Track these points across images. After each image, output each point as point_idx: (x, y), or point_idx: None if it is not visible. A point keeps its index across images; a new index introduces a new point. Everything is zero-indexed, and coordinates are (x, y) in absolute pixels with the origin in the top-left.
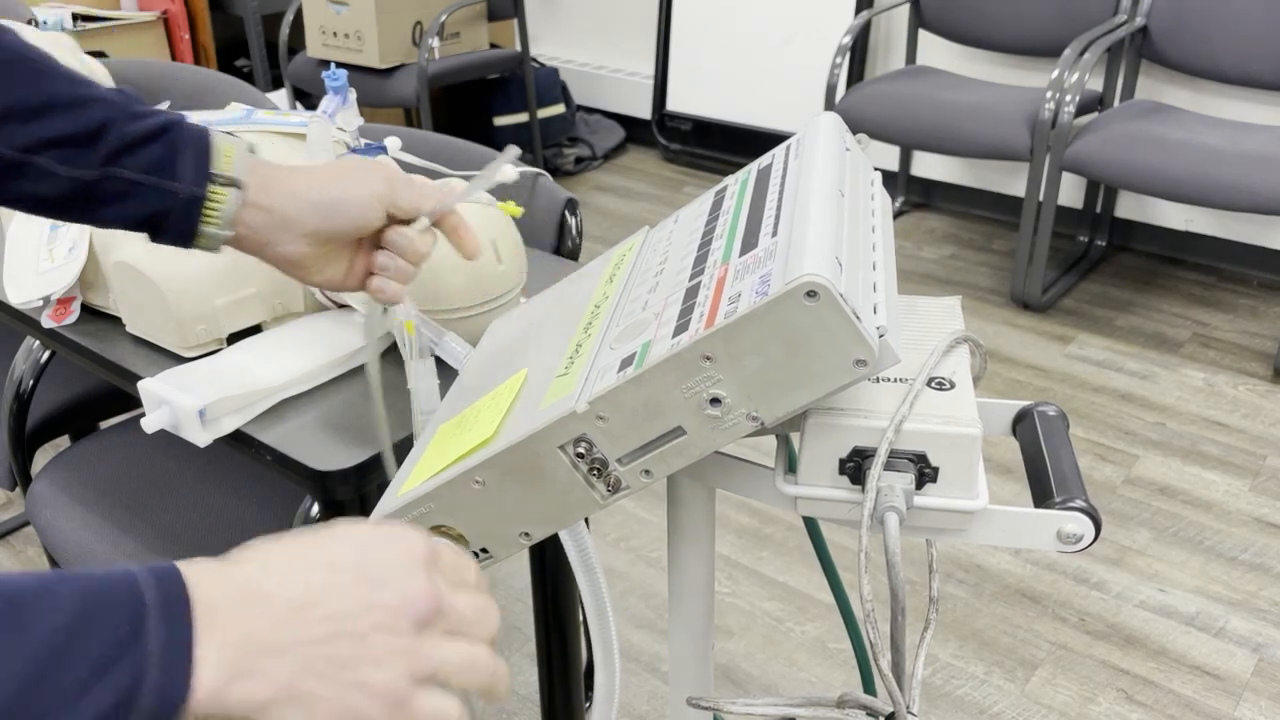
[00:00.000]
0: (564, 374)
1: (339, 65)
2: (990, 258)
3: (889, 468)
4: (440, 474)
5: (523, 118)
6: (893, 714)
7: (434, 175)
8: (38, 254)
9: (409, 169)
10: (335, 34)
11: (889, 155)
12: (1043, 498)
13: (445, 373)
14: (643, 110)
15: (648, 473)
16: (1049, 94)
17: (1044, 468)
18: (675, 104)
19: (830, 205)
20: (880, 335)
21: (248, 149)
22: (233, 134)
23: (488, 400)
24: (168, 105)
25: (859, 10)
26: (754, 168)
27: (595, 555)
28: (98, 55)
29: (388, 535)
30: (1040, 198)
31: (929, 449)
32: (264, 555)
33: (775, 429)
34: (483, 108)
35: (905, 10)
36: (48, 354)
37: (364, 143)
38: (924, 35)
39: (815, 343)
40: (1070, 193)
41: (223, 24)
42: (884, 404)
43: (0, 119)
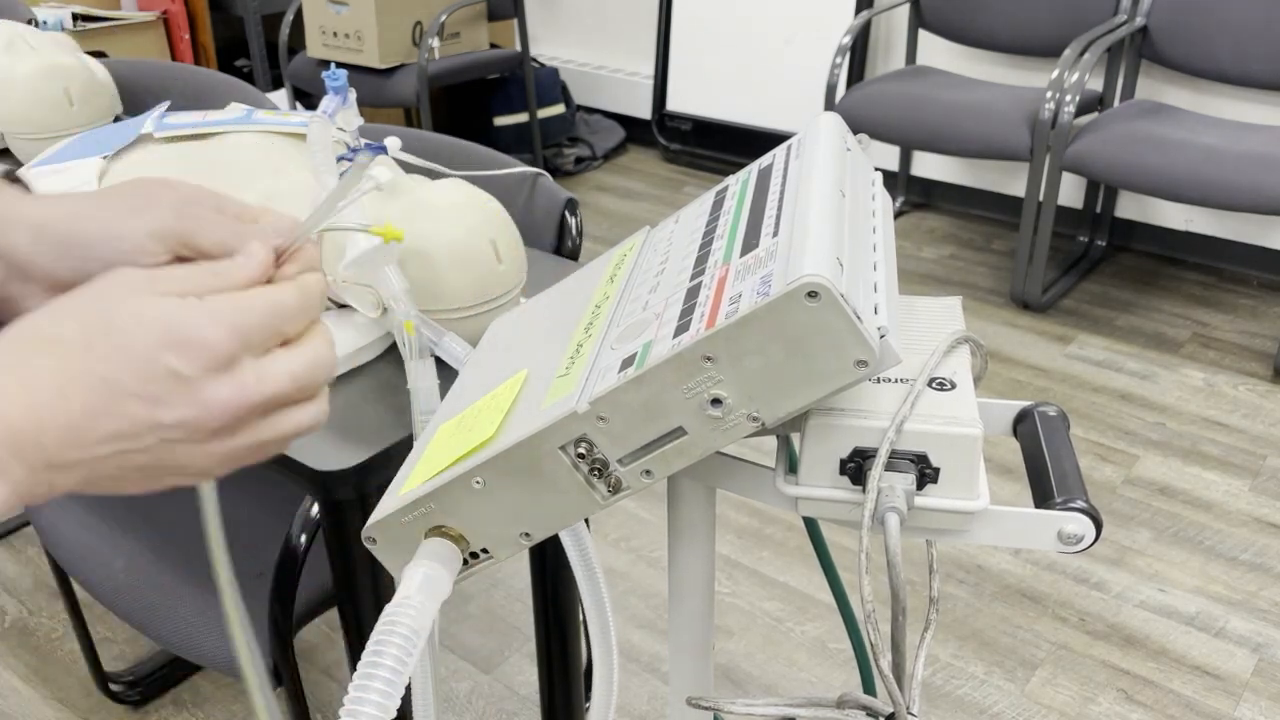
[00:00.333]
0: (564, 374)
1: (339, 65)
2: (990, 258)
3: (890, 468)
4: (440, 474)
5: (523, 118)
6: (893, 714)
7: (434, 175)
8: None
9: (409, 169)
10: (335, 34)
11: (889, 155)
12: (1043, 498)
13: (445, 373)
14: (643, 110)
15: (648, 473)
16: (1049, 94)
17: (1044, 468)
18: (675, 104)
19: (831, 205)
20: (881, 336)
21: None
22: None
23: (488, 400)
24: (168, 105)
25: (859, 10)
26: (754, 168)
27: (595, 556)
28: (98, 55)
29: (169, 335)
30: (1040, 198)
31: (930, 449)
32: (28, 369)
33: (776, 429)
34: (483, 108)
35: (905, 10)
36: None
37: (364, 143)
38: (924, 35)
39: (816, 343)
40: (1070, 193)
41: (223, 24)
42: (885, 404)
43: None
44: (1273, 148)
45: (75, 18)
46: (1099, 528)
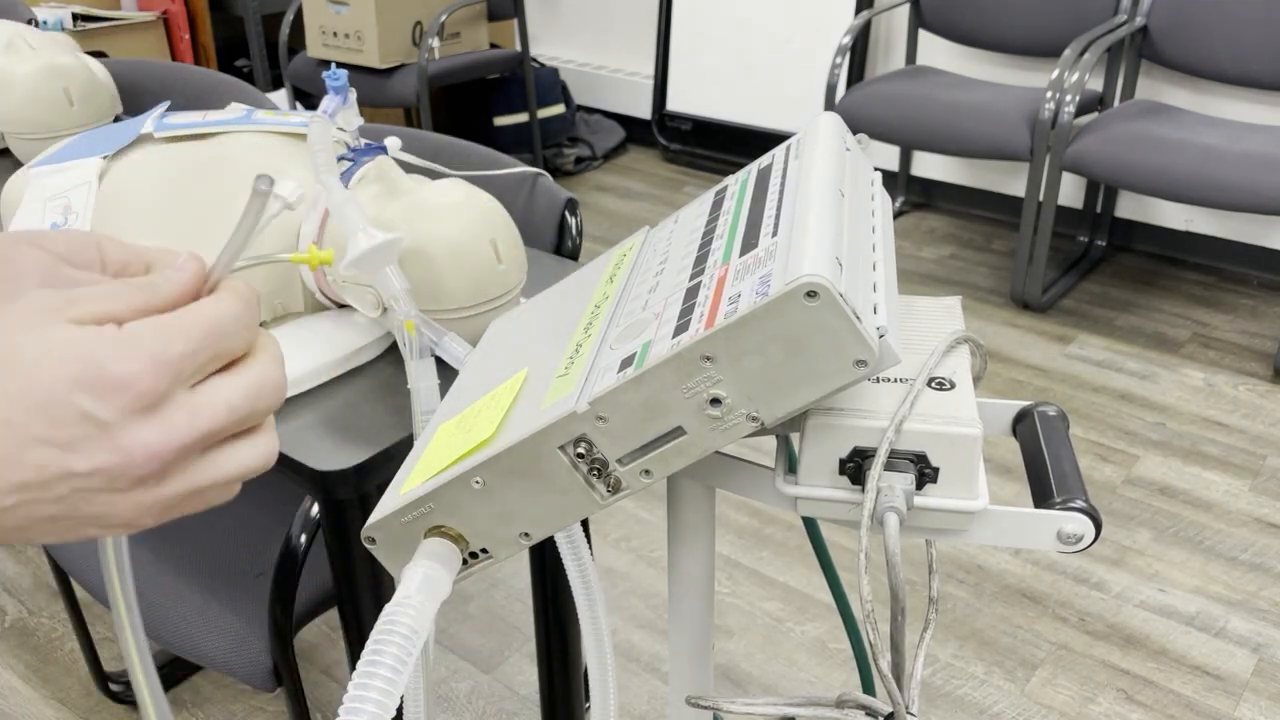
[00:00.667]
0: (564, 374)
1: (339, 65)
2: (990, 258)
3: (889, 468)
4: (440, 474)
5: (523, 118)
6: (892, 714)
7: (434, 175)
8: None
9: (409, 169)
10: (335, 34)
11: (889, 155)
12: (1043, 498)
13: (445, 373)
14: (643, 110)
15: (648, 473)
16: (1049, 94)
17: (1044, 468)
18: (675, 104)
19: (830, 205)
20: (880, 335)
21: None
22: None
23: (488, 400)
24: (168, 105)
25: (859, 10)
26: (754, 168)
27: (592, 567)
28: (98, 55)
29: (82, 372)
30: (1040, 198)
31: (929, 449)
32: None
33: (775, 429)
34: (483, 108)
35: (905, 10)
36: None
37: (364, 143)
38: (924, 35)
39: (815, 343)
40: (1070, 193)
41: (223, 24)
42: (884, 404)
43: None
44: (1273, 148)
45: (75, 18)
46: (1098, 527)
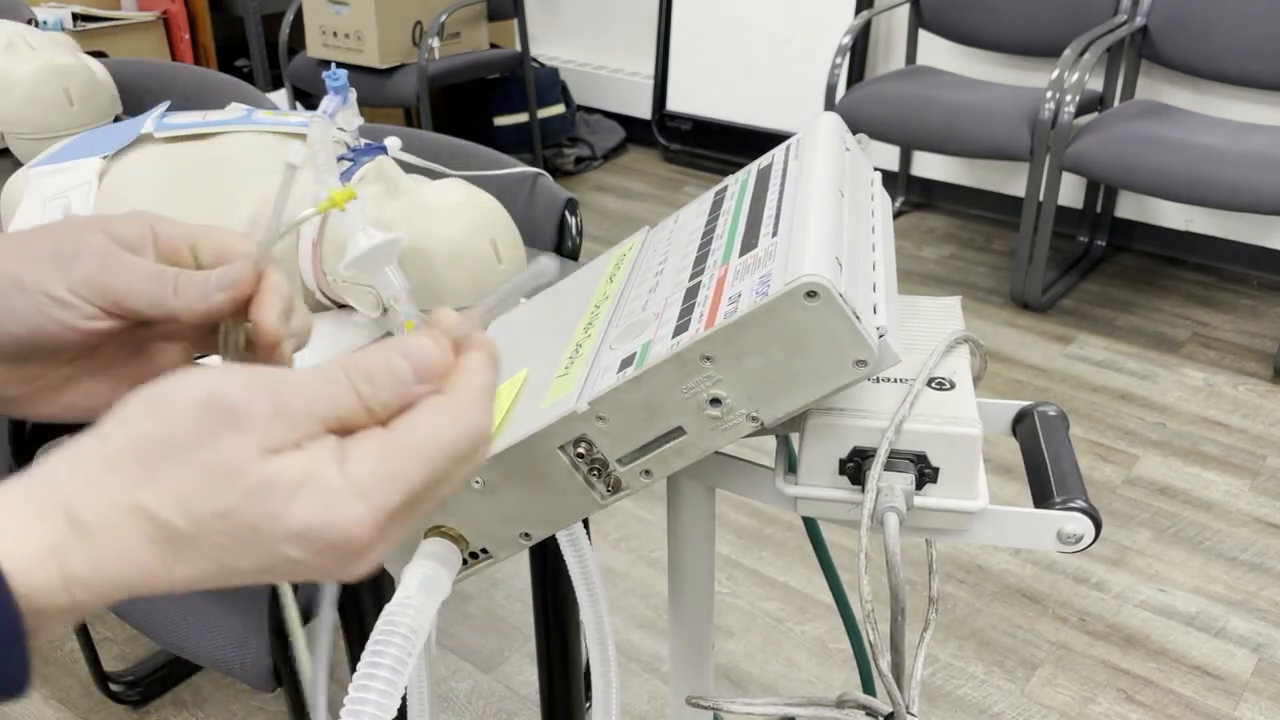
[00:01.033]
0: (564, 374)
1: (339, 65)
2: (990, 258)
3: (889, 468)
4: None
5: (523, 118)
6: (892, 714)
7: (434, 175)
8: None
9: (409, 169)
10: (335, 34)
11: (889, 155)
12: (1043, 498)
13: None
14: (643, 110)
15: (648, 473)
16: (1049, 94)
17: (1044, 468)
18: (675, 104)
19: (830, 205)
20: (880, 335)
21: None
22: None
23: None
24: (168, 105)
25: (859, 10)
26: (754, 168)
27: (594, 565)
28: (98, 55)
29: (302, 532)
30: (1040, 198)
31: (929, 449)
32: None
33: (775, 429)
34: (483, 108)
35: (905, 10)
36: None
37: (364, 143)
38: (924, 35)
39: (815, 343)
40: (1070, 193)
41: (223, 24)
42: (884, 404)
43: None
44: (1273, 148)
45: (75, 18)
46: (1098, 527)
